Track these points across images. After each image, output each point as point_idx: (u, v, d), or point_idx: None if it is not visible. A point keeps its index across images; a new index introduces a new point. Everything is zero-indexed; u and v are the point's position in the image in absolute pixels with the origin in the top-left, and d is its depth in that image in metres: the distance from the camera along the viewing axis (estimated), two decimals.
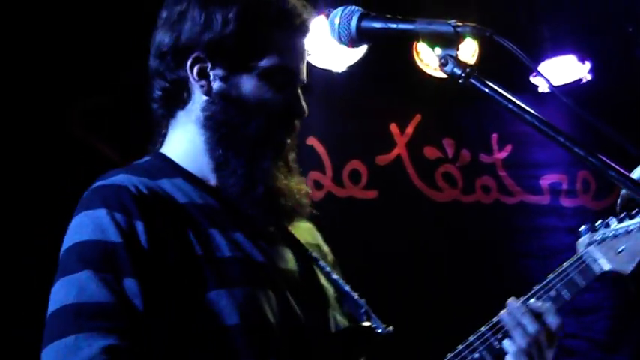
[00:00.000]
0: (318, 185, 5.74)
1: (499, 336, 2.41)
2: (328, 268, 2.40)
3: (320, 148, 5.77)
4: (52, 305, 2.00)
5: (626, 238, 2.52)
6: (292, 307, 2.19)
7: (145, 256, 2.01)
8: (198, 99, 2.24)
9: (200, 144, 2.24)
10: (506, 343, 2.39)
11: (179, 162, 2.25)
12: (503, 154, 6.34)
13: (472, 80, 1.76)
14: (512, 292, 3.26)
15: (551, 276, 2.49)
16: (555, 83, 5.90)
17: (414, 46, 5.64)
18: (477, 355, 2.39)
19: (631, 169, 3.00)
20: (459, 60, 1.78)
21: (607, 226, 2.57)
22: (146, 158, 2.31)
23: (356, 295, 2.37)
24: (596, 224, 2.60)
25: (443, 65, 1.79)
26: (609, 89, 6.12)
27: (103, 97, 4.64)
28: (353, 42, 1.92)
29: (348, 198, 5.84)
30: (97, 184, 2.13)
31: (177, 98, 2.27)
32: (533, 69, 2.94)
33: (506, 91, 1.76)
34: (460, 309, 5.71)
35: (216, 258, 2.10)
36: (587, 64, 6.07)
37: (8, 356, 4.00)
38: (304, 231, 2.48)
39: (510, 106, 1.74)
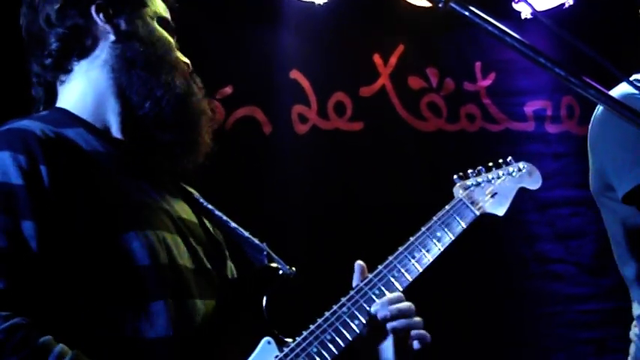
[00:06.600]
0: (302, 119, 5.73)
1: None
2: (225, 218, 2.53)
3: (304, 81, 5.75)
4: None
5: (498, 183, 2.75)
6: (198, 253, 2.34)
7: (46, 200, 2.06)
8: (105, 43, 2.39)
9: (105, 89, 2.36)
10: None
11: (78, 114, 2.34)
12: (487, 82, 6.32)
13: (452, 5, 1.75)
14: None
15: (435, 218, 2.63)
16: (538, 9, 5.88)
17: None
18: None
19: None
20: None
21: (479, 173, 2.79)
22: (44, 112, 2.40)
23: (256, 241, 2.48)
24: (468, 172, 2.80)
25: None
26: (591, 14, 6.09)
27: None
28: None
29: (333, 130, 5.84)
30: (1, 128, 2.20)
31: (79, 46, 2.39)
32: None
33: (487, 16, 1.75)
34: None
35: (126, 202, 2.21)
36: None
37: None
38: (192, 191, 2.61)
39: (491, 29, 1.73)
